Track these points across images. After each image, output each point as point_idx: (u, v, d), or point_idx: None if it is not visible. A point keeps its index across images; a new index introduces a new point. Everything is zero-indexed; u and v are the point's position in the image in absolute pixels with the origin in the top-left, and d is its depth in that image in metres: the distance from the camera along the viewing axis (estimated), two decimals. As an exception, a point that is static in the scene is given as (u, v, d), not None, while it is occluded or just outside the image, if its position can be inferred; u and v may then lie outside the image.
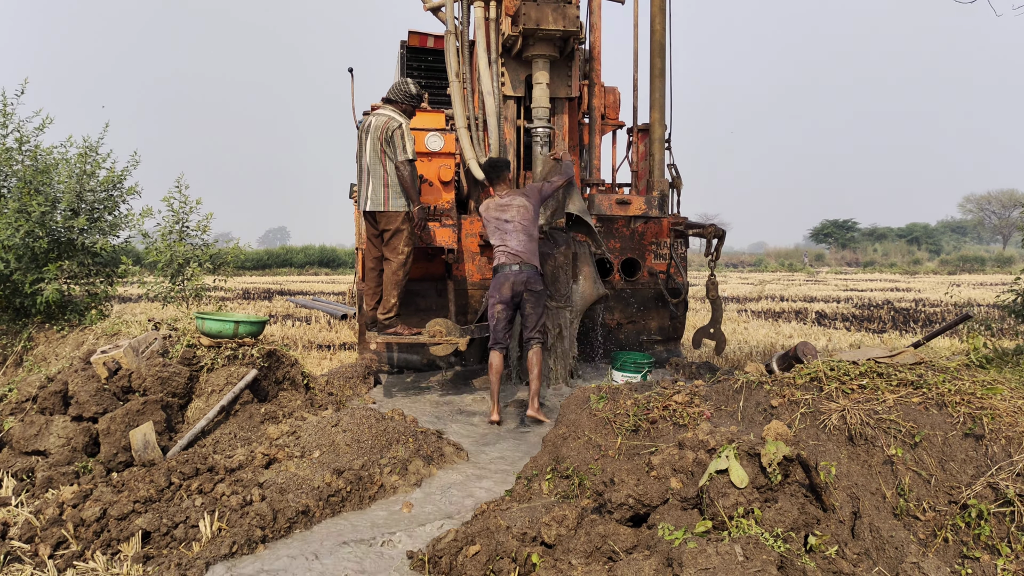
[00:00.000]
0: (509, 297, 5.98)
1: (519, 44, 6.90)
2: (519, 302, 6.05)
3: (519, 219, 6.08)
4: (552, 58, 6.99)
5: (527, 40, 6.83)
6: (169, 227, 8.47)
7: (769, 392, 3.83)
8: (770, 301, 19.18)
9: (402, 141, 6.20)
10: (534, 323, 6.07)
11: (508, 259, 6.02)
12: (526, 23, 6.58)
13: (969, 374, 3.63)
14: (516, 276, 5.98)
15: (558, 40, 6.88)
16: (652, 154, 7.47)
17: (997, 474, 2.93)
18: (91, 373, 5.05)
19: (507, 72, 7.23)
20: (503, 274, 6.02)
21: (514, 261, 6.00)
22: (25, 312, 8.08)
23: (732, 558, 2.55)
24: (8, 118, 8.30)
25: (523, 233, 6.06)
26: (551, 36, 6.76)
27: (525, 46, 6.90)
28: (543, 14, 6.60)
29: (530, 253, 6.06)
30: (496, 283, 6.05)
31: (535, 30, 6.63)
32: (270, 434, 4.92)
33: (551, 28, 6.61)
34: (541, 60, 6.94)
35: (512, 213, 6.09)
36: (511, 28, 6.89)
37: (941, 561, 2.81)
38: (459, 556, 3.28)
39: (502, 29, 6.99)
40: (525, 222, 6.09)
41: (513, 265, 6.00)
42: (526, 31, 6.66)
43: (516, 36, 6.83)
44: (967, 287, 25.24)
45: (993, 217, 77.06)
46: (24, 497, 4.09)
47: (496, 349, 6.07)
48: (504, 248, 6.05)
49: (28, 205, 7.59)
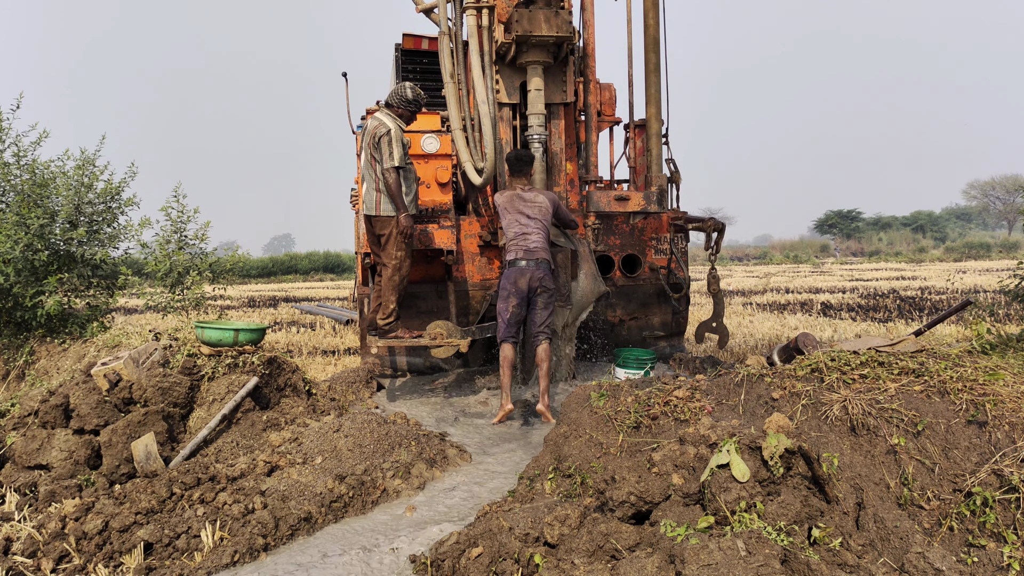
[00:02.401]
0: (525, 292, 6.03)
1: (512, 51, 6.87)
2: (532, 298, 6.07)
3: (541, 217, 6.17)
4: (546, 64, 6.96)
5: (520, 47, 6.80)
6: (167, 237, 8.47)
7: (770, 385, 3.80)
8: (775, 293, 19.13)
9: (389, 148, 6.19)
10: (544, 319, 6.09)
11: (526, 255, 6.06)
12: (519, 30, 6.54)
13: (971, 361, 3.60)
14: (533, 272, 6.02)
15: (552, 46, 6.84)
16: (650, 149, 7.43)
17: (1001, 461, 2.90)
18: (92, 385, 5.05)
19: (501, 79, 7.19)
20: (519, 268, 6.05)
21: (532, 257, 6.06)
22: (26, 326, 8.08)
23: (735, 553, 2.52)
24: (5, 133, 8.32)
25: (543, 232, 6.15)
26: (544, 42, 6.72)
27: (519, 53, 6.87)
28: (536, 21, 6.56)
29: (546, 251, 6.14)
30: (510, 277, 6.07)
31: (528, 37, 6.59)
32: (272, 441, 4.91)
33: (544, 35, 6.57)
34: (535, 67, 6.91)
35: (536, 211, 6.16)
36: (504, 35, 6.85)
37: (947, 550, 2.78)
38: (462, 559, 3.26)
39: (495, 36, 6.95)
40: (545, 222, 6.19)
41: (530, 261, 6.04)
42: (519, 38, 6.62)
43: (509, 43, 6.80)
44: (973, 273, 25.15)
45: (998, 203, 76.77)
46: (27, 512, 4.08)
47: (508, 342, 6.10)
48: (523, 244, 6.09)
49: (27, 218, 7.59)
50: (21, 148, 8.37)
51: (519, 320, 6.13)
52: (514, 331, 6.12)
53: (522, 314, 6.11)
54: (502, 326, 6.12)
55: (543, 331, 6.09)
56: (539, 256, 6.07)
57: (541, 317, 6.10)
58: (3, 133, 8.32)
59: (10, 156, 8.31)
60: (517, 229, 6.14)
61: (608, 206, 7.10)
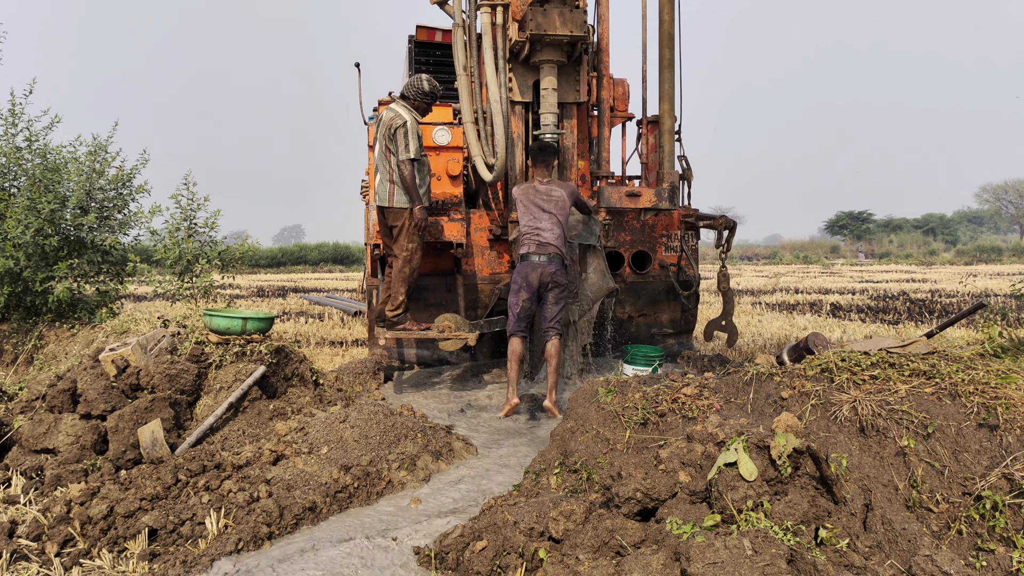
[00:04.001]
0: (536, 287, 6.00)
1: (526, 50, 6.83)
2: (543, 293, 6.04)
3: (557, 211, 6.10)
4: (560, 63, 6.92)
5: (534, 46, 6.75)
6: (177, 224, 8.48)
7: (779, 384, 3.78)
8: (784, 293, 19.06)
9: (404, 140, 6.16)
10: (555, 315, 6.06)
11: (540, 248, 6.02)
12: (533, 29, 6.50)
13: (983, 363, 3.56)
14: (546, 267, 5.98)
15: (566, 45, 6.80)
16: (662, 146, 7.39)
17: (1012, 465, 2.87)
18: (100, 371, 5.05)
19: (514, 77, 7.16)
20: (531, 263, 6.01)
21: (545, 251, 6.01)
22: (36, 310, 8.11)
23: (741, 552, 2.51)
24: (17, 117, 8.34)
25: (559, 227, 6.09)
26: (558, 42, 6.68)
27: (532, 52, 6.82)
28: (550, 19, 6.51)
29: (560, 246, 6.08)
30: (523, 270, 6.04)
31: (542, 36, 6.55)
32: (278, 430, 4.91)
33: (559, 34, 6.53)
34: (549, 65, 6.87)
35: (552, 205, 6.10)
36: (518, 34, 6.81)
37: (955, 553, 2.76)
38: (466, 552, 3.25)
39: (509, 35, 6.92)
40: (561, 216, 6.12)
41: (543, 255, 6.00)
42: (533, 37, 6.57)
43: (523, 42, 6.76)
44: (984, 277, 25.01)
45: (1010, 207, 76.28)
46: (33, 495, 4.09)
47: (517, 335, 6.08)
48: (537, 237, 6.04)
49: (38, 203, 7.61)
50: (33, 133, 8.39)
51: (529, 315, 6.10)
52: (523, 325, 6.10)
53: (532, 309, 6.08)
54: (511, 320, 6.10)
55: (553, 327, 6.07)
56: (551, 251, 6.02)
57: (551, 312, 6.07)
58: (16, 118, 8.34)
59: (22, 140, 8.33)
60: (531, 222, 6.10)
61: (619, 202, 7.07)
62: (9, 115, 8.31)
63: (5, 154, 8.20)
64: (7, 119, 8.32)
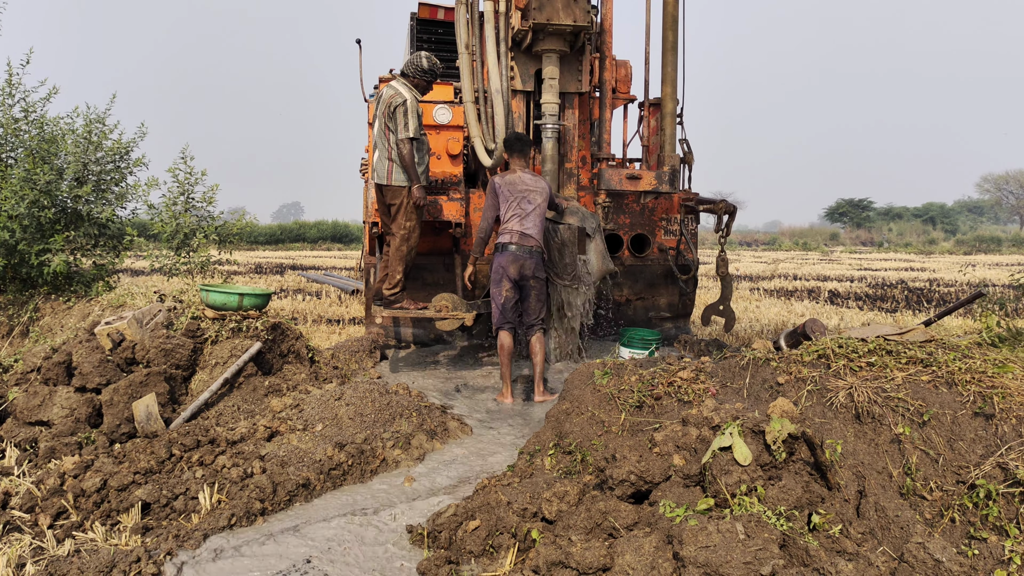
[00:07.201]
0: (517, 279, 5.95)
1: (529, 38, 6.77)
2: (523, 285, 5.99)
3: (540, 203, 6.05)
4: (562, 53, 6.86)
5: (537, 35, 6.69)
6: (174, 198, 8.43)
7: (776, 369, 3.77)
8: (783, 280, 19.05)
9: (404, 118, 6.09)
10: (537, 310, 6.03)
11: (522, 240, 5.95)
12: (536, 18, 6.43)
13: (980, 352, 3.55)
14: (525, 260, 5.93)
15: (569, 35, 6.73)
16: (663, 129, 7.35)
17: (1007, 454, 2.86)
18: (95, 344, 5.04)
19: (516, 66, 7.09)
20: (511, 254, 5.94)
21: (527, 244, 5.95)
22: (31, 283, 8.08)
23: (733, 536, 2.51)
24: (14, 88, 8.27)
25: (540, 220, 6.05)
26: (561, 31, 6.61)
27: (535, 41, 6.76)
28: (554, 8, 6.44)
29: (540, 240, 6.05)
30: (503, 262, 5.96)
31: (545, 25, 6.48)
32: (273, 407, 4.90)
33: (562, 23, 6.46)
34: (551, 55, 6.80)
35: (536, 197, 6.04)
36: (521, 22, 6.74)
37: (947, 541, 2.76)
38: (459, 531, 3.25)
39: (511, 23, 6.85)
40: (542, 210, 6.07)
41: (523, 247, 5.94)
42: (536, 26, 6.51)
43: (526, 30, 6.69)
44: (983, 267, 25.02)
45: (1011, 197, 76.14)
46: (27, 467, 4.09)
47: (506, 329, 6.02)
48: (519, 229, 5.96)
49: (34, 174, 7.56)
50: (30, 104, 8.32)
51: (514, 304, 6.04)
52: (511, 316, 6.04)
53: (515, 298, 6.01)
54: (497, 312, 6.04)
55: (536, 323, 6.04)
56: (532, 244, 5.97)
57: (534, 307, 6.03)
58: (12, 88, 8.27)
59: (19, 111, 8.26)
60: (513, 213, 6.02)
61: (619, 184, 7.04)
62: (6, 85, 8.24)
63: (2, 124, 8.14)
64: (4, 89, 8.26)
